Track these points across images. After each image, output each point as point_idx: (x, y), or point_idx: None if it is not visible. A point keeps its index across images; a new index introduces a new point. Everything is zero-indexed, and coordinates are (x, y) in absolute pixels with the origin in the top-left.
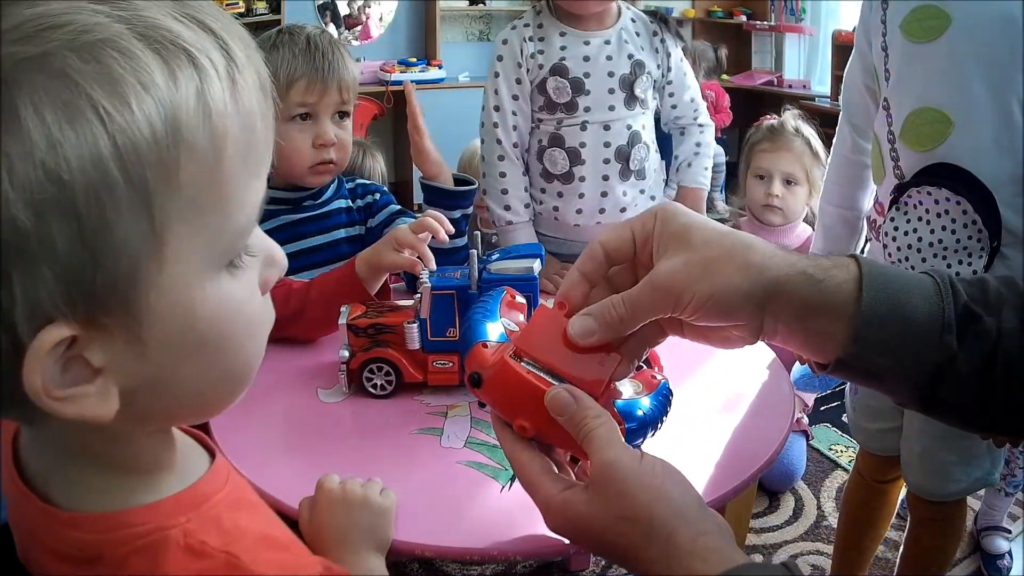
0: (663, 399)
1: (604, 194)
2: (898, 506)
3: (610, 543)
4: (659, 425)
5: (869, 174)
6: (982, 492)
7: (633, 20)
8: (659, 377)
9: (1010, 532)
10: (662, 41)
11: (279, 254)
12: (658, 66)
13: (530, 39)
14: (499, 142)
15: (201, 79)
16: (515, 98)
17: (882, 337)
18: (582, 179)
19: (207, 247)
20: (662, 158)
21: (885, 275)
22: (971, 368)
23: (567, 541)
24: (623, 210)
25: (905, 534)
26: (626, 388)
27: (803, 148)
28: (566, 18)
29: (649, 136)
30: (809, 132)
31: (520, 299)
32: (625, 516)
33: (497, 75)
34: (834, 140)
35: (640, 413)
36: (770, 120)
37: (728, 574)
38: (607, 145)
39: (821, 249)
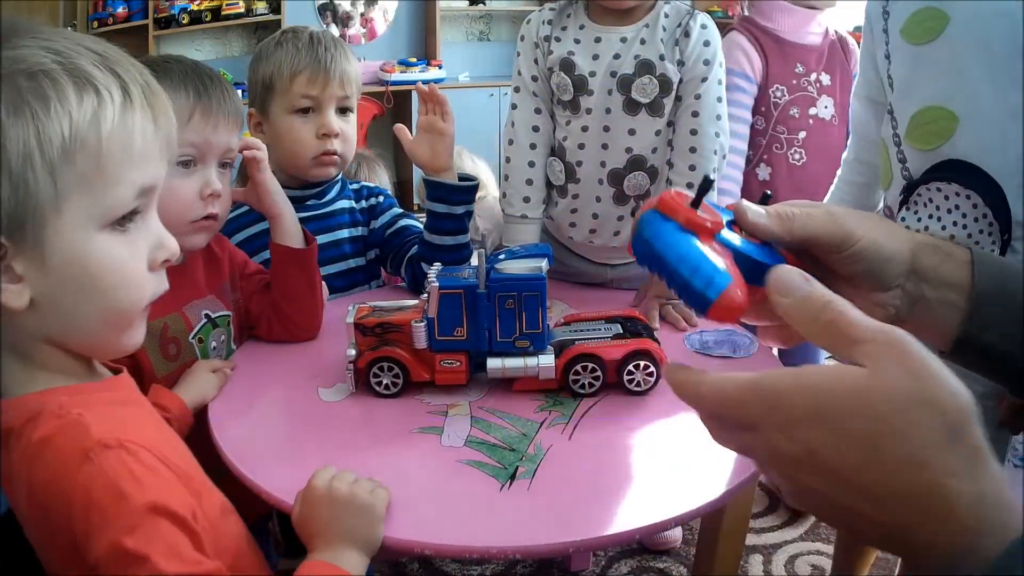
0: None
1: (595, 215)
2: None
3: (899, 430)
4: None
5: (874, 179)
6: None
7: (667, 16)
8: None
9: None
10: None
11: (168, 241)
12: (678, 71)
13: (548, 22)
14: (526, 128)
15: (99, 103)
16: (535, 79)
17: (993, 316)
18: (575, 196)
19: (90, 207)
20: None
21: (993, 258)
22: None
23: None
24: (616, 234)
25: None
26: (731, 236)
27: None
28: (596, 13)
29: (660, 158)
30: None
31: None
32: (922, 398)
33: (519, 54)
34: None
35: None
36: None
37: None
38: (603, 165)
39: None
